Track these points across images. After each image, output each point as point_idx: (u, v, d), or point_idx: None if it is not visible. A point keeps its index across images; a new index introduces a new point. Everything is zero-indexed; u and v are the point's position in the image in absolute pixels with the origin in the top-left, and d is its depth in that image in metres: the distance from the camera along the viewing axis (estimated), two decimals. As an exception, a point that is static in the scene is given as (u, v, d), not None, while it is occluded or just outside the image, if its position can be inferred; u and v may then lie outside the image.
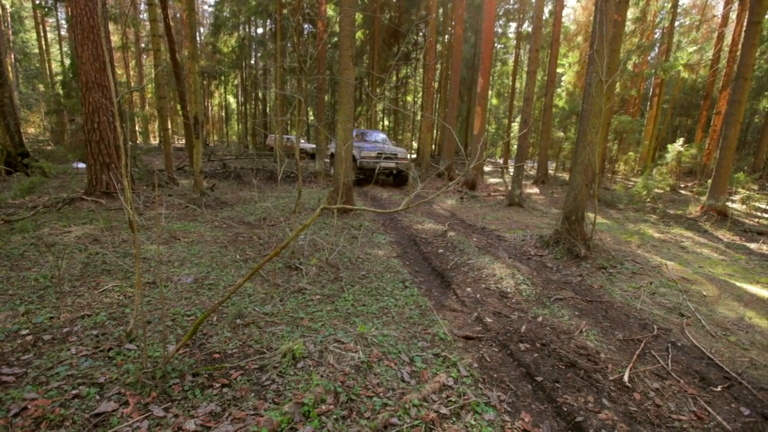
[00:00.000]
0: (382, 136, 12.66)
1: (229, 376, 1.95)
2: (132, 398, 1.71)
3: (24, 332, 2.21)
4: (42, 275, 3.04)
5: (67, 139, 14.61)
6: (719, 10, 18.44)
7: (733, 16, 15.10)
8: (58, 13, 20.63)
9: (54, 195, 6.31)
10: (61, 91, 14.29)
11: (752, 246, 6.21)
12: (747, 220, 8.12)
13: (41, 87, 20.07)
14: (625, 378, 2.27)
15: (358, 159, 10.26)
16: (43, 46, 20.72)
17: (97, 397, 1.72)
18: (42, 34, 20.61)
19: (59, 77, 19.00)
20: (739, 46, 9.55)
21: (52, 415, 1.57)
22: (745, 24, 8.24)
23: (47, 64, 21.11)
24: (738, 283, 4.20)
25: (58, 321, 2.37)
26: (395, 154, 10.74)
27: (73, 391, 1.74)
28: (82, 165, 8.67)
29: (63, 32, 22.15)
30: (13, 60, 19.44)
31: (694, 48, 16.57)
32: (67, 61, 19.33)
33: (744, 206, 9.54)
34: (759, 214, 8.93)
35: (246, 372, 2.00)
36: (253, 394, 1.84)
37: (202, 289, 3.09)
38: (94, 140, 5.90)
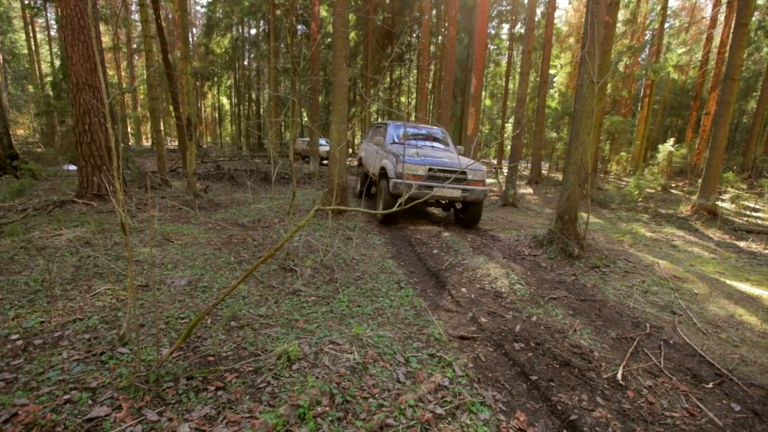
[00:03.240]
0: (437, 134, 7.68)
1: (224, 378, 1.94)
2: (125, 402, 1.69)
3: (14, 337, 2.18)
4: (32, 279, 2.99)
5: (57, 141, 14.43)
6: (708, 12, 18.72)
7: (722, 18, 15.35)
8: (48, 14, 20.38)
9: (44, 197, 6.22)
10: (51, 93, 14.13)
11: (741, 244, 6.30)
12: (736, 218, 8.24)
13: (31, 88, 19.81)
14: (619, 376, 2.29)
15: (392, 178, 5.73)
16: (33, 47, 20.45)
17: (90, 401, 1.70)
18: (31, 34, 20.34)
19: (49, 78, 18.76)
20: (728, 47, 9.70)
21: (43, 421, 1.55)
22: (732, 26, 8.37)
23: (37, 65, 20.84)
24: (728, 281, 4.26)
25: (49, 325, 2.34)
26: (463, 172, 5.78)
27: (65, 396, 1.71)
28: (72, 167, 8.57)
29: (53, 33, 21.88)
30: (1, 61, 19.16)
31: (684, 49, 16.83)
32: (57, 62, 19.10)
33: (733, 205, 9.69)
34: (748, 212, 9.07)
35: (241, 374, 1.99)
36: (248, 397, 1.83)
37: (196, 291, 3.07)
38: (85, 142, 5.83)
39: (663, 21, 15.20)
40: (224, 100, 34.14)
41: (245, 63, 26.03)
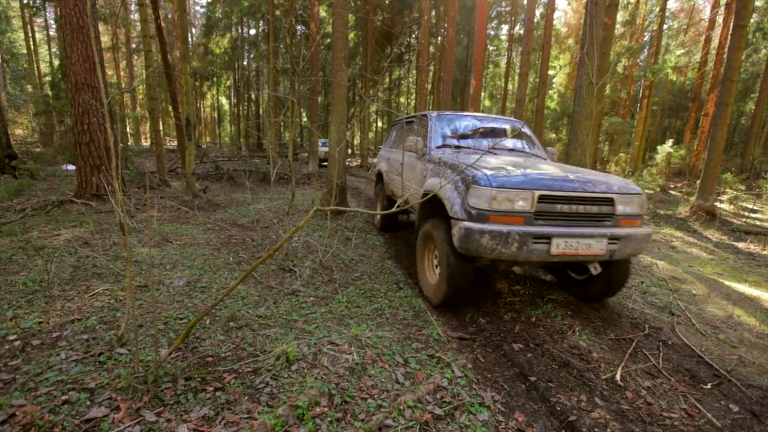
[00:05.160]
0: (516, 130, 4.35)
1: (223, 379, 1.94)
2: (123, 403, 1.69)
3: (12, 337, 2.17)
4: (30, 279, 2.99)
5: (56, 141, 14.42)
6: (706, 14, 18.79)
7: (720, 20, 15.40)
8: (47, 13, 20.35)
9: (43, 197, 6.21)
10: (49, 92, 14.11)
11: (740, 245, 6.31)
12: (735, 219, 8.26)
13: (29, 88, 19.78)
14: (617, 377, 2.29)
15: (460, 220, 2.59)
16: (32, 47, 20.42)
17: (88, 402, 1.70)
18: (30, 34, 20.31)
19: (48, 78, 18.74)
20: (726, 49, 9.74)
21: (41, 422, 1.54)
22: (731, 28, 8.40)
23: (35, 65, 20.80)
24: (726, 282, 4.27)
25: (47, 326, 2.33)
26: (608, 200, 2.68)
27: (63, 397, 1.71)
28: (71, 167, 8.56)
29: (52, 32, 21.85)
30: (0, 60, 19.13)
31: (682, 51, 16.89)
32: (56, 62, 19.08)
33: (732, 206, 9.71)
34: (746, 213, 9.09)
35: (239, 375, 1.99)
36: (246, 398, 1.82)
37: (195, 291, 3.06)
38: (83, 142, 5.82)
39: (662, 22, 15.25)
40: (223, 101, 34.14)
41: (244, 63, 26.05)
